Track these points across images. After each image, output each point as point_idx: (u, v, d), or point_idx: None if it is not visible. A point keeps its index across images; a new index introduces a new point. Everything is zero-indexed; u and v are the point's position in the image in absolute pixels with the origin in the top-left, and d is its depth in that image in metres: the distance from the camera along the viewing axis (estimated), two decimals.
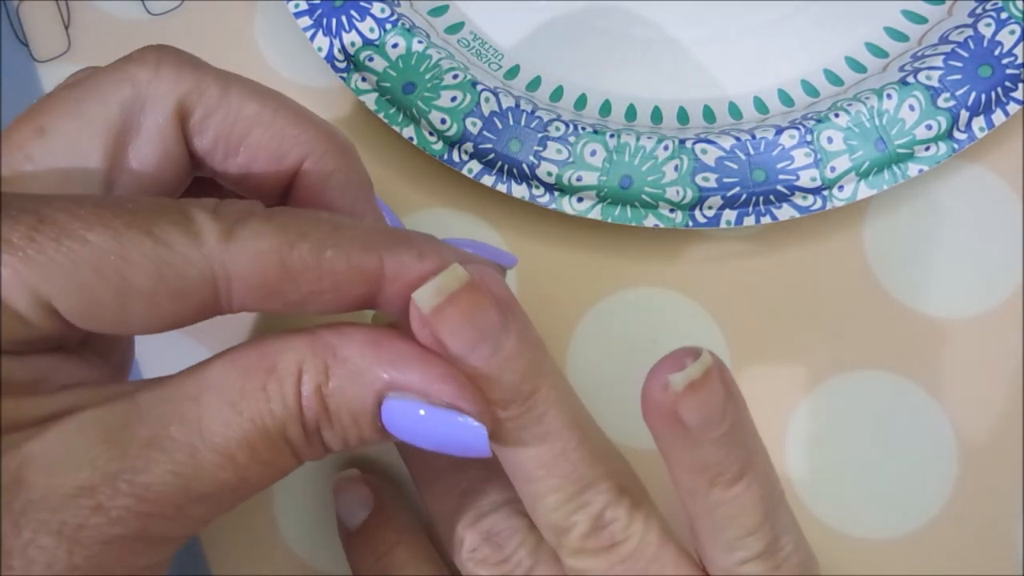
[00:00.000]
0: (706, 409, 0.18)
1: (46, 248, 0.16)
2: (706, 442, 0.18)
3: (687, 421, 0.18)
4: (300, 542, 0.28)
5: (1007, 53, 0.27)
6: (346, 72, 0.29)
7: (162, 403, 0.17)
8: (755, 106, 0.30)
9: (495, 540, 0.21)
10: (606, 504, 0.19)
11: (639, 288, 0.29)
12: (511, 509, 0.21)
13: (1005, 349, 0.28)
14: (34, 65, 0.32)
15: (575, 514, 0.19)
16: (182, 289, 0.17)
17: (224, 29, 0.32)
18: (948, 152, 0.27)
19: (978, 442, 0.27)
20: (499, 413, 0.18)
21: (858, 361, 0.28)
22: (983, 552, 0.27)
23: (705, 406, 0.18)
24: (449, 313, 0.17)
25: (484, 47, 0.31)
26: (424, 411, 0.17)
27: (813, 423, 0.28)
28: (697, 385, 0.18)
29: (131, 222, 0.17)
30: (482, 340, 0.18)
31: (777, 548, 0.20)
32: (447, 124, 0.28)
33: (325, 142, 0.20)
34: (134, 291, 0.17)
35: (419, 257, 0.18)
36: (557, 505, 0.19)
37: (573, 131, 0.28)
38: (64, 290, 0.16)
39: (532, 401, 0.18)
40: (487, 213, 0.30)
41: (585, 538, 0.19)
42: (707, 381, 0.18)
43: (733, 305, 0.28)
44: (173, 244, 0.17)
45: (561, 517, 0.19)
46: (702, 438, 0.18)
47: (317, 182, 0.20)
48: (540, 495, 0.19)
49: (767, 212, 0.27)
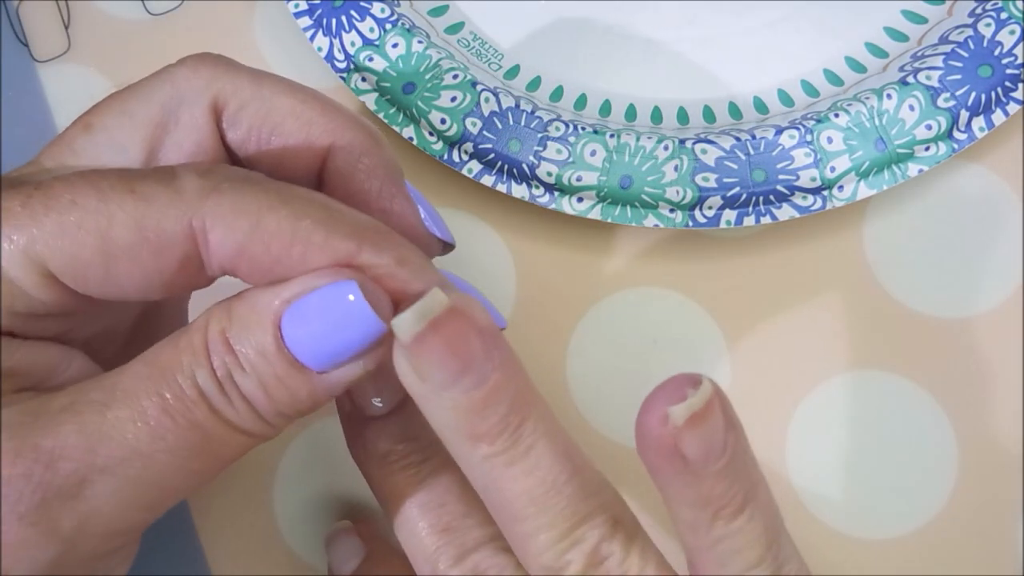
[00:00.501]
0: (708, 442, 0.17)
1: (36, 211, 0.17)
2: (707, 475, 0.18)
3: (688, 455, 0.17)
4: (300, 542, 0.28)
5: (1007, 53, 0.27)
6: (346, 72, 0.29)
7: (90, 381, 0.18)
8: (755, 106, 0.30)
9: None
10: (600, 539, 0.18)
11: (639, 288, 0.29)
12: (494, 547, 0.20)
13: (1005, 349, 0.28)
14: (34, 65, 0.32)
15: (568, 552, 0.18)
16: (161, 244, 0.17)
17: (224, 29, 0.32)
18: (948, 152, 0.27)
19: (978, 442, 0.27)
20: (485, 448, 0.18)
21: (858, 361, 0.28)
22: (983, 552, 0.27)
23: (707, 438, 0.17)
24: (430, 343, 0.17)
25: (484, 47, 0.31)
26: (310, 302, 0.17)
27: (813, 423, 0.28)
28: (699, 417, 0.17)
29: (115, 184, 0.18)
30: (466, 371, 0.17)
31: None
32: (447, 124, 0.28)
33: (353, 130, 0.21)
34: (116, 248, 0.17)
35: (399, 263, 0.18)
36: (549, 544, 0.18)
37: (573, 131, 0.28)
38: (55, 251, 0.17)
39: (519, 433, 0.18)
40: (487, 213, 0.30)
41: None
42: (709, 412, 0.17)
43: (733, 305, 0.28)
44: (153, 198, 0.17)
45: (554, 557, 0.18)
46: (703, 472, 0.17)
47: (346, 168, 0.21)
48: (530, 534, 0.18)
49: (767, 212, 0.27)
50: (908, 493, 0.27)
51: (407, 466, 0.21)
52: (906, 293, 0.28)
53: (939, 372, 0.28)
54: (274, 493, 0.28)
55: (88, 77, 0.31)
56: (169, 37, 0.32)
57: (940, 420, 0.27)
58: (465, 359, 0.17)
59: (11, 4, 0.32)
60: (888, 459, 0.27)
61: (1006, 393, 0.27)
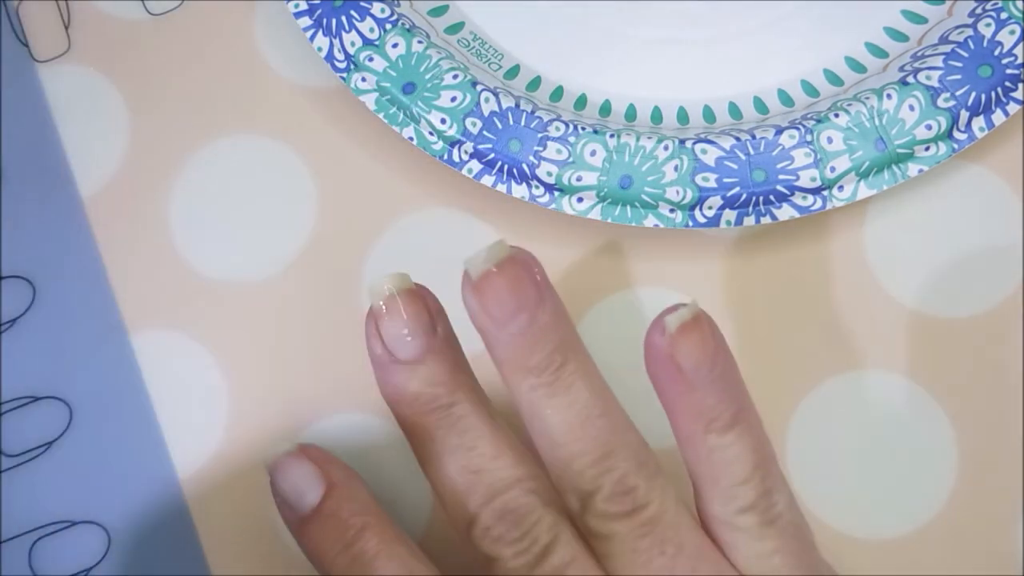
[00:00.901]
0: (699, 351, 0.20)
1: None
2: (700, 386, 0.20)
3: (681, 364, 0.20)
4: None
5: (1007, 53, 0.27)
6: (346, 72, 0.29)
7: None
8: (755, 106, 0.30)
9: (510, 518, 0.21)
10: (627, 471, 0.20)
11: (639, 288, 0.29)
12: (523, 488, 0.21)
13: (1005, 349, 0.28)
14: (34, 65, 0.32)
15: (599, 478, 0.20)
16: None
17: (224, 29, 0.32)
18: (948, 152, 0.27)
19: (978, 442, 0.27)
20: (532, 380, 0.20)
21: (858, 361, 0.28)
22: (983, 552, 0.27)
23: (698, 348, 0.20)
24: (494, 281, 0.20)
25: (484, 47, 0.31)
26: None
27: (813, 423, 0.28)
28: (688, 327, 0.20)
29: None
30: (521, 310, 0.20)
31: (770, 503, 0.21)
32: (447, 124, 0.28)
33: None
34: None
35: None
36: (582, 469, 0.20)
37: (573, 131, 0.28)
38: None
39: (562, 371, 0.21)
40: (487, 213, 0.30)
41: (608, 501, 0.20)
42: (697, 323, 0.20)
43: (733, 305, 0.28)
44: None
45: (586, 481, 0.20)
46: (695, 380, 0.20)
47: None
48: (567, 460, 0.20)
49: (767, 212, 0.27)
50: (908, 493, 0.27)
51: (437, 408, 0.22)
52: (906, 293, 0.28)
53: (939, 372, 0.28)
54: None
55: (88, 77, 0.31)
56: (169, 37, 0.32)
57: (940, 420, 0.27)
58: (521, 299, 0.20)
59: (11, 4, 0.32)
60: (888, 459, 0.27)
61: (1006, 393, 0.27)
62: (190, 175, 0.30)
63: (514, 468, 0.21)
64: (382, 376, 0.22)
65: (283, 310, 0.29)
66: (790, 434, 0.27)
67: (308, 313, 0.29)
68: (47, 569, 0.28)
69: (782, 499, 0.21)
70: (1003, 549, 0.27)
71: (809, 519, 0.27)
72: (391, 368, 0.22)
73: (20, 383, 0.29)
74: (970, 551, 0.27)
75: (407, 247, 0.30)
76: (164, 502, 0.28)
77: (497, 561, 0.21)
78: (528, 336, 0.20)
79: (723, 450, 0.20)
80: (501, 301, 0.20)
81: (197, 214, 0.30)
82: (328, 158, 0.30)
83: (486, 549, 0.21)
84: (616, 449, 0.20)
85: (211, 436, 0.29)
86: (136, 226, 0.30)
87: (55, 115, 0.31)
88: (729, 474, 0.20)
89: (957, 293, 0.28)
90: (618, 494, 0.20)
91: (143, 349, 0.29)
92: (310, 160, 0.30)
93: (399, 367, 0.22)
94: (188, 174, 0.31)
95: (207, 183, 0.30)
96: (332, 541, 0.22)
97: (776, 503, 0.21)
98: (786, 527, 0.21)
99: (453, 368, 0.22)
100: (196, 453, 0.28)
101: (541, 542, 0.20)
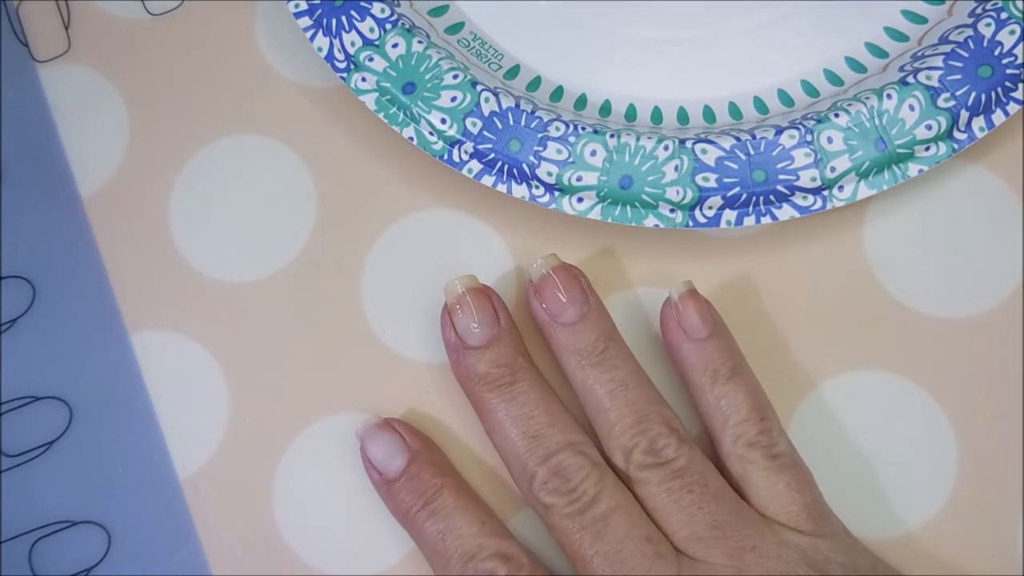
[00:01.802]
0: (698, 313, 0.26)
1: None
2: (702, 342, 0.26)
3: (685, 326, 0.26)
4: (300, 542, 0.28)
5: (1007, 53, 0.27)
6: (346, 72, 0.29)
7: None
8: (755, 106, 0.30)
9: (563, 474, 0.25)
10: (659, 433, 0.25)
11: (639, 288, 0.29)
12: (573, 450, 0.25)
13: (1005, 349, 0.28)
14: (34, 65, 0.32)
15: (637, 436, 0.25)
16: None
17: (224, 29, 0.32)
18: (948, 152, 0.27)
19: (978, 442, 0.27)
20: (582, 360, 0.26)
21: (858, 361, 0.28)
22: (983, 552, 0.27)
23: (696, 312, 0.26)
24: (549, 283, 0.26)
25: (484, 47, 0.31)
26: None
27: (813, 423, 0.28)
28: (686, 296, 0.26)
29: None
30: (571, 304, 0.26)
31: (771, 441, 0.25)
32: (447, 124, 0.28)
33: None
34: None
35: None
36: (623, 429, 0.25)
37: (573, 131, 0.28)
38: None
39: (606, 353, 0.26)
40: (487, 213, 0.30)
41: (645, 454, 0.25)
42: (693, 295, 0.27)
43: (733, 305, 0.28)
44: None
45: (627, 439, 0.25)
46: (698, 338, 0.26)
47: None
48: (612, 422, 0.25)
49: (767, 212, 0.27)
50: (908, 493, 0.27)
51: (501, 385, 0.26)
52: (906, 293, 0.28)
53: (939, 372, 0.28)
54: (274, 493, 0.28)
55: (88, 77, 0.31)
56: (169, 37, 0.32)
57: (940, 420, 0.27)
58: (570, 296, 0.26)
59: (11, 4, 0.32)
60: (888, 459, 0.27)
61: (1006, 393, 0.27)
62: (190, 175, 0.30)
63: (566, 434, 0.25)
64: (455, 359, 0.27)
65: (283, 310, 0.29)
66: (790, 434, 0.27)
67: (308, 313, 0.29)
68: (47, 569, 0.28)
69: (782, 441, 0.25)
70: (1003, 549, 0.27)
71: None
72: (463, 352, 0.26)
73: (20, 383, 0.29)
74: (970, 551, 0.27)
75: (407, 247, 0.30)
76: (164, 502, 0.28)
77: (552, 508, 0.25)
78: (577, 326, 0.26)
79: (728, 396, 0.25)
80: (555, 298, 0.26)
81: (197, 214, 0.30)
82: (328, 158, 0.30)
83: (544, 499, 0.25)
84: (649, 414, 0.25)
85: (211, 436, 0.29)
86: (136, 226, 0.30)
87: (55, 115, 0.31)
88: (733, 415, 0.25)
89: (957, 293, 0.28)
90: (653, 450, 0.25)
91: (143, 349, 0.29)
92: (310, 160, 0.30)
93: (469, 351, 0.26)
94: (188, 174, 0.30)
95: (207, 183, 0.30)
96: (415, 499, 0.26)
97: (777, 443, 0.25)
98: (787, 464, 0.25)
99: (514, 351, 0.26)
100: (196, 453, 0.28)
101: (589, 493, 0.25)
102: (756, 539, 0.24)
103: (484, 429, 0.27)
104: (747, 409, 0.25)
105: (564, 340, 0.26)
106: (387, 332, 0.29)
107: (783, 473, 0.25)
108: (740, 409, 0.25)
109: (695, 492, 0.24)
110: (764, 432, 0.25)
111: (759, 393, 0.26)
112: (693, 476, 0.25)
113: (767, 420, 0.25)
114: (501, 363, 0.26)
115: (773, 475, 0.25)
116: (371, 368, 0.29)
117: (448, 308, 0.27)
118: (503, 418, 0.26)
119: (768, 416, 0.26)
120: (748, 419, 0.25)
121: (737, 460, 0.25)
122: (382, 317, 0.29)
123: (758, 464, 0.25)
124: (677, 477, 0.25)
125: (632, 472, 0.25)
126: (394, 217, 0.30)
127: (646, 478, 0.25)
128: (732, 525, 0.24)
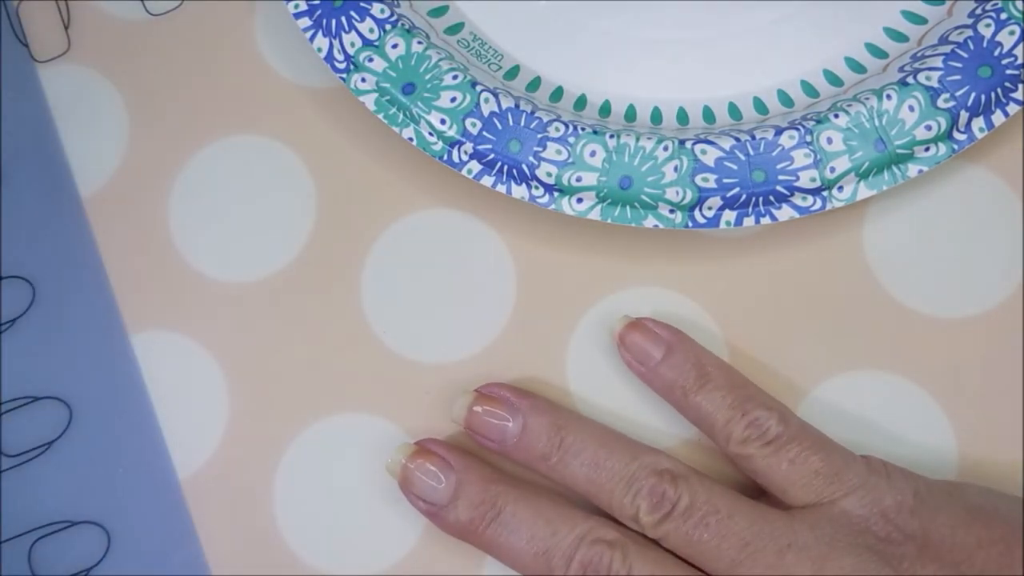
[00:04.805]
0: (641, 342, 0.27)
1: None
2: (659, 366, 0.27)
3: (636, 357, 0.27)
4: (300, 542, 0.28)
5: (1007, 53, 0.27)
6: (346, 72, 0.29)
7: None
8: (755, 106, 0.30)
9: (590, 569, 0.25)
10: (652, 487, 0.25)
11: (639, 288, 0.29)
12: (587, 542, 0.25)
13: (1005, 349, 0.28)
14: (34, 65, 0.32)
15: (635, 501, 0.25)
16: None
17: (224, 29, 0.32)
18: (948, 153, 0.27)
19: (978, 442, 0.27)
20: (547, 463, 0.26)
21: (858, 361, 0.28)
22: None
23: (640, 341, 0.27)
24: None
25: (484, 48, 0.31)
26: None
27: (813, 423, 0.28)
28: (626, 330, 0.27)
29: None
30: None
31: (761, 431, 0.25)
32: (447, 124, 0.28)
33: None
34: None
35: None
36: (620, 500, 0.25)
37: (573, 131, 0.28)
38: None
39: (564, 447, 0.26)
40: (487, 213, 0.30)
41: (650, 513, 0.25)
42: (632, 325, 0.27)
43: (733, 305, 0.28)
44: None
45: (628, 507, 0.25)
46: (652, 364, 0.27)
47: None
48: (606, 501, 0.25)
49: (767, 213, 0.27)
50: None
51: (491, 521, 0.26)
52: (906, 293, 0.28)
53: (939, 372, 0.28)
54: (274, 493, 0.28)
55: (88, 77, 0.31)
56: (169, 37, 0.32)
57: (940, 420, 0.27)
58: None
59: (11, 4, 0.32)
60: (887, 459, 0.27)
61: (1006, 393, 0.27)
62: (190, 175, 0.31)
63: (572, 530, 0.25)
64: (439, 523, 0.26)
65: (283, 310, 0.29)
66: None
67: (308, 313, 0.29)
68: (47, 569, 0.28)
69: (772, 421, 0.25)
70: None
71: None
72: (441, 515, 0.26)
73: (20, 383, 0.29)
74: None
75: (407, 247, 0.30)
76: (164, 502, 0.28)
77: None
78: (521, 441, 0.26)
79: (702, 407, 0.26)
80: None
81: (197, 214, 0.30)
82: (328, 158, 0.30)
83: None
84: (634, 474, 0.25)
85: (211, 436, 0.29)
86: (136, 226, 0.30)
87: (55, 115, 0.31)
88: (716, 421, 0.26)
89: (957, 293, 0.28)
90: (654, 505, 0.25)
91: (143, 349, 0.29)
92: (310, 160, 0.30)
93: (446, 509, 0.26)
94: (188, 174, 0.31)
95: (207, 183, 0.30)
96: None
97: (767, 427, 0.25)
98: (785, 441, 0.25)
99: (483, 482, 0.26)
100: (196, 453, 0.28)
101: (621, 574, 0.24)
102: (788, 536, 0.24)
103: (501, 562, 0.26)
104: (726, 410, 0.26)
105: (520, 456, 0.26)
106: (387, 332, 0.29)
107: (782, 453, 0.25)
108: (720, 414, 0.26)
109: (711, 524, 0.24)
110: (751, 425, 0.25)
111: (733, 387, 0.26)
112: (701, 509, 0.25)
113: (749, 411, 0.26)
114: (478, 501, 0.26)
115: (774, 459, 0.25)
116: (371, 368, 0.29)
117: (402, 485, 0.26)
118: (509, 548, 0.26)
119: (749, 406, 0.26)
120: (731, 419, 0.26)
121: (739, 459, 0.26)
122: (382, 317, 0.29)
123: (757, 456, 0.25)
124: (687, 518, 0.25)
125: (650, 533, 0.25)
126: (394, 217, 0.30)
127: (663, 533, 0.25)
128: (760, 535, 0.24)
